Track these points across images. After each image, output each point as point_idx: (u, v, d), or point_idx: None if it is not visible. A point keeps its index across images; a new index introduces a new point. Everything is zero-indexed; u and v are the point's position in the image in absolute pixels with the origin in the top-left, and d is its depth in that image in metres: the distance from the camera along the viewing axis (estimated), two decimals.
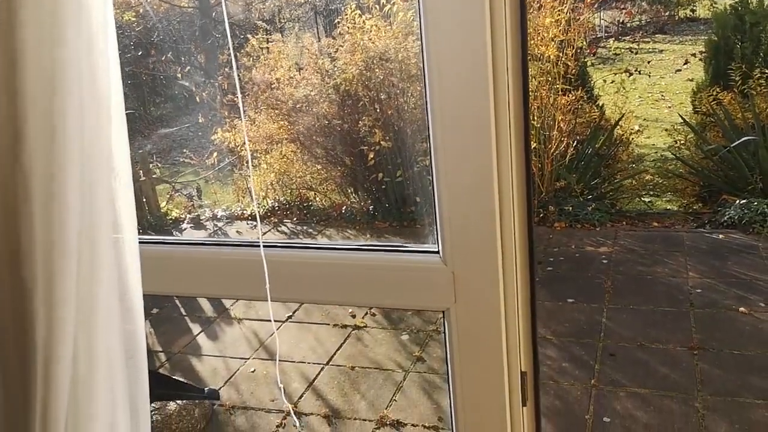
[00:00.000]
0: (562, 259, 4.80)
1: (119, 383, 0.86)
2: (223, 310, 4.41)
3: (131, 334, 0.93)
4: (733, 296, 4.04)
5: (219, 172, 6.28)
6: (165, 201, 6.14)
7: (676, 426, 2.98)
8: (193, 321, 4.30)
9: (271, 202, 6.08)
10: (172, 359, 3.88)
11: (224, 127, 5.78)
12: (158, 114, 7.15)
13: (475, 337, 1.17)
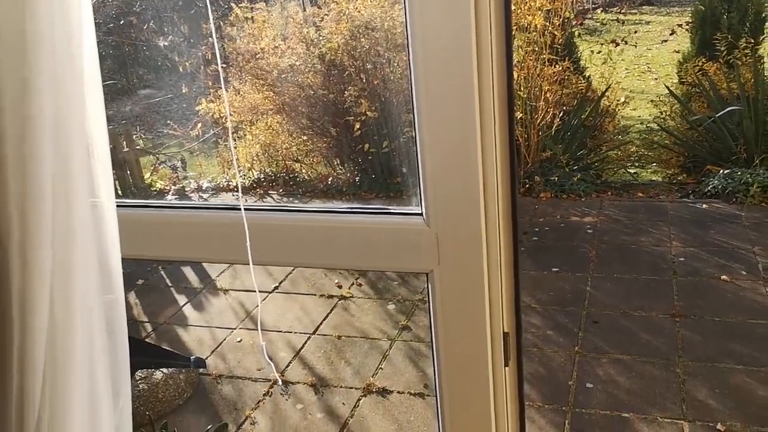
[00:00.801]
0: (548, 229, 4.83)
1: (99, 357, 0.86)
2: (209, 281, 4.41)
3: (111, 303, 0.92)
4: (716, 265, 4.09)
5: (204, 143, 6.23)
6: (149, 173, 6.10)
7: (658, 391, 3.03)
8: (179, 292, 4.30)
9: (256, 174, 6.05)
10: (158, 329, 3.88)
11: (208, 97, 5.72)
12: (141, 85, 7.06)
13: (458, 298, 1.18)
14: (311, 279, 4.32)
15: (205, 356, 3.53)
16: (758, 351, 3.24)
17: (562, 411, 2.96)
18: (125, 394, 0.91)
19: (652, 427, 2.82)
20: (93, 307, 0.85)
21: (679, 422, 2.83)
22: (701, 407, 2.90)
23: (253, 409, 3.14)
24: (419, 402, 3.11)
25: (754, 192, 4.86)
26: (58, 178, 0.81)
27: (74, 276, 0.82)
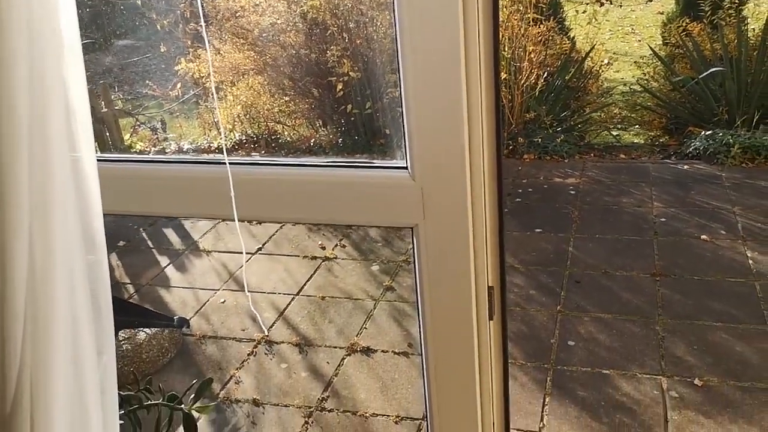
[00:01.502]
0: (531, 190, 4.84)
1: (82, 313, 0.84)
2: (191, 242, 4.39)
3: (95, 264, 0.90)
4: (696, 225, 4.13)
5: (184, 104, 6.14)
6: (129, 134, 6.01)
7: (637, 348, 3.08)
8: (161, 253, 4.28)
9: (238, 136, 5.99)
10: (141, 291, 3.87)
11: (187, 57, 5.62)
12: (118, 44, 6.92)
13: (443, 252, 1.18)
14: (295, 240, 4.31)
15: (188, 317, 3.52)
16: (736, 308, 3.29)
17: (544, 368, 3.00)
18: (109, 351, 0.91)
19: (631, 383, 2.87)
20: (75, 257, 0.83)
21: (658, 378, 2.88)
22: (679, 363, 2.95)
23: (238, 368, 3.15)
24: (403, 360, 3.13)
25: (735, 153, 4.89)
26: (36, 129, 0.79)
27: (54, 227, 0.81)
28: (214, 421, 2.84)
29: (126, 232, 4.54)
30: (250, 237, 4.38)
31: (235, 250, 4.23)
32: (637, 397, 2.78)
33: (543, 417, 2.72)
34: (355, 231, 4.41)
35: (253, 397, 2.95)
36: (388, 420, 2.77)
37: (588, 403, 2.77)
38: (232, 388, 3.02)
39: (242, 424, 2.82)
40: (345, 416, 2.81)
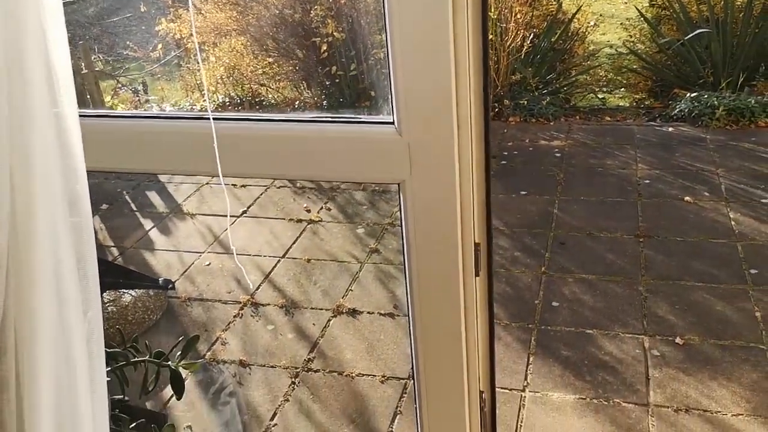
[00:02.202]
0: (516, 153, 4.83)
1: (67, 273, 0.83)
2: (175, 205, 4.35)
3: (78, 226, 0.88)
4: (680, 186, 4.15)
5: (165, 66, 6.04)
6: (110, 96, 5.92)
7: (620, 308, 3.12)
8: (145, 216, 4.24)
9: (221, 98, 5.91)
10: (125, 254, 3.85)
11: (168, 17, 5.51)
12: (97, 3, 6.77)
13: (430, 209, 1.17)
14: (280, 203, 4.29)
15: (173, 280, 3.51)
16: (717, 269, 3.33)
17: (528, 328, 3.03)
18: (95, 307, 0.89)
19: (614, 342, 2.90)
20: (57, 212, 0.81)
21: (640, 337, 2.92)
22: (661, 323, 3.00)
23: (224, 330, 3.15)
24: (389, 322, 3.15)
25: (720, 115, 4.90)
26: (15, 83, 0.77)
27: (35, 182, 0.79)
28: (201, 381, 2.85)
29: (109, 194, 4.49)
30: (234, 200, 4.35)
31: (219, 213, 4.21)
32: (620, 356, 2.82)
33: (527, 376, 2.75)
34: (340, 194, 4.40)
35: (240, 358, 2.96)
36: (374, 380, 2.79)
37: (571, 362, 2.81)
38: (219, 349, 3.03)
39: (229, 383, 2.84)
40: (331, 376, 2.83)
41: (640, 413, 2.52)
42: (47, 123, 0.81)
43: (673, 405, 2.54)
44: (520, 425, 2.51)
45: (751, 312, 3.01)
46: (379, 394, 2.72)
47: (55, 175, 0.82)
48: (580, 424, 2.49)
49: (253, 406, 2.70)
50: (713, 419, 2.47)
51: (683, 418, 2.48)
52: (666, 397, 2.59)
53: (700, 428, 2.43)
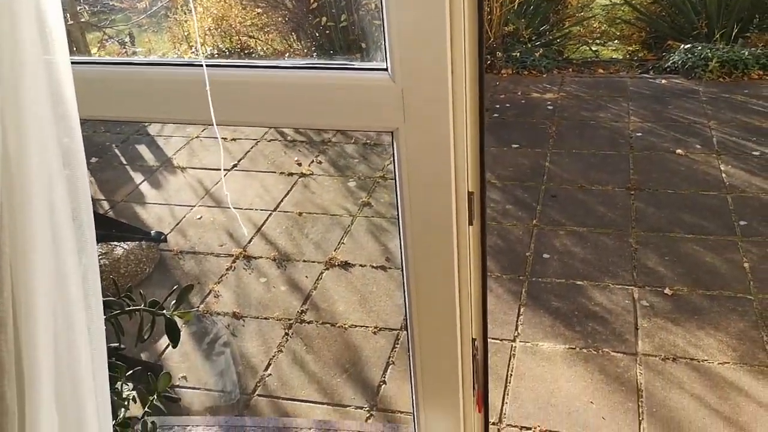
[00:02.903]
0: (508, 105, 4.80)
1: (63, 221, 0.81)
2: (165, 159, 4.32)
3: (72, 173, 0.87)
4: (672, 139, 4.15)
5: (152, 17, 5.92)
6: (96, 49, 5.81)
7: (610, 260, 3.14)
8: (135, 170, 4.21)
9: (209, 50, 5.82)
10: (116, 207, 3.83)
11: None
12: None
13: (423, 157, 1.16)
14: (270, 157, 4.27)
15: (165, 233, 3.51)
16: (707, 221, 3.35)
17: (519, 280, 3.06)
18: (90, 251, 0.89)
19: (603, 293, 2.94)
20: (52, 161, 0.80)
21: (630, 288, 2.95)
22: (651, 274, 3.03)
23: (217, 282, 3.16)
24: (381, 274, 3.17)
25: (713, 67, 4.87)
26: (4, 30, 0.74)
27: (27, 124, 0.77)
28: (195, 333, 2.87)
29: (98, 148, 4.45)
30: (225, 153, 4.33)
31: (210, 167, 4.19)
32: (609, 306, 2.86)
33: (518, 327, 2.79)
34: (331, 147, 4.37)
35: (233, 310, 2.97)
36: (367, 331, 2.82)
37: (561, 313, 2.84)
38: (212, 301, 3.04)
39: (222, 335, 2.86)
40: (324, 328, 2.85)
41: (628, 362, 2.56)
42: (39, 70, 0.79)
43: (661, 354, 2.59)
44: (510, 374, 2.55)
45: (739, 263, 3.05)
46: (371, 344, 2.75)
47: (47, 121, 0.80)
48: (570, 373, 2.54)
49: (247, 357, 2.73)
50: (700, 367, 2.52)
51: (671, 366, 2.53)
52: (654, 346, 2.63)
53: (687, 376, 2.48)
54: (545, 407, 2.40)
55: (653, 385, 2.45)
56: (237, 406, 2.53)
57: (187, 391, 2.58)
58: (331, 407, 2.48)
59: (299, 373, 2.63)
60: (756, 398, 2.37)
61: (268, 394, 2.55)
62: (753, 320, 2.71)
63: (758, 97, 4.61)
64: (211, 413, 2.50)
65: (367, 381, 2.58)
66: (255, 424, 2.38)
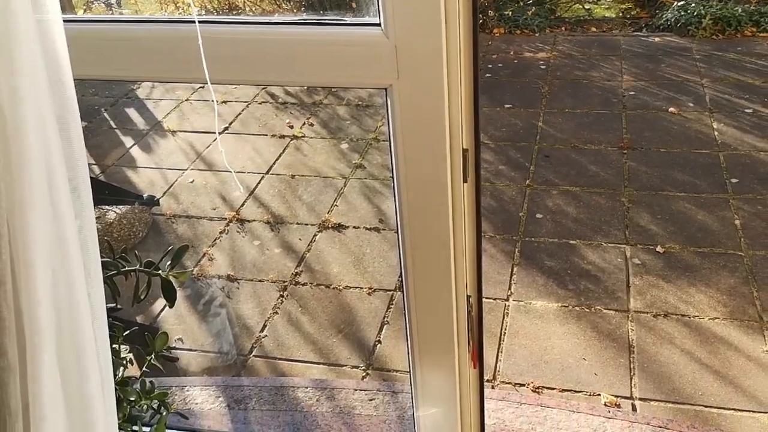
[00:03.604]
0: (501, 65, 4.77)
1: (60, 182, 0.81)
2: (155, 122, 4.28)
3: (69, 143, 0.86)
4: (664, 97, 4.14)
5: None
6: (82, 10, 5.71)
7: (603, 219, 3.16)
8: (125, 134, 4.18)
9: (196, 11, 5.72)
10: (107, 172, 3.80)
11: None
12: None
13: (417, 114, 1.16)
14: (262, 119, 4.24)
15: (157, 197, 3.49)
16: (699, 179, 3.37)
17: (513, 240, 3.07)
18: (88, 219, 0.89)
19: (596, 252, 2.96)
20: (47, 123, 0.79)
21: (622, 246, 2.97)
22: (643, 232, 3.05)
23: (210, 246, 3.17)
24: (375, 236, 3.18)
25: (706, 24, 4.84)
26: None
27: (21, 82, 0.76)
28: (190, 296, 2.88)
29: (87, 112, 4.41)
30: (216, 116, 4.29)
31: (201, 130, 4.15)
32: (602, 265, 2.88)
33: (511, 286, 2.81)
34: (322, 109, 4.34)
35: (228, 273, 2.98)
36: (362, 292, 2.84)
37: (554, 272, 2.86)
38: (206, 264, 3.05)
39: (217, 297, 2.87)
40: (319, 289, 2.87)
41: (620, 319, 2.59)
42: (30, 29, 0.78)
43: (653, 311, 2.62)
44: (504, 333, 2.57)
45: (731, 220, 3.07)
46: (366, 305, 2.77)
47: (42, 81, 0.79)
48: (562, 331, 2.57)
49: (243, 318, 2.74)
50: (690, 323, 2.55)
51: (662, 322, 2.56)
52: (646, 303, 2.66)
53: (677, 332, 2.51)
54: (538, 364, 2.43)
55: (644, 341, 2.49)
56: (234, 367, 2.55)
57: (184, 353, 2.60)
58: (327, 367, 2.51)
59: (295, 334, 2.65)
60: (745, 352, 2.41)
61: (265, 355, 2.58)
62: (743, 276, 2.74)
63: (751, 55, 4.59)
64: (208, 374, 2.52)
65: (363, 341, 2.61)
66: (252, 384, 2.41)
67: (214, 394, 2.39)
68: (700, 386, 2.29)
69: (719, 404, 2.23)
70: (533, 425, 2.14)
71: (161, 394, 1.28)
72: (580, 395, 2.30)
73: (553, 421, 2.15)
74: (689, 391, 2.28)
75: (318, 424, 2.22)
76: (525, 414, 2.19)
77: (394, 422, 2.21)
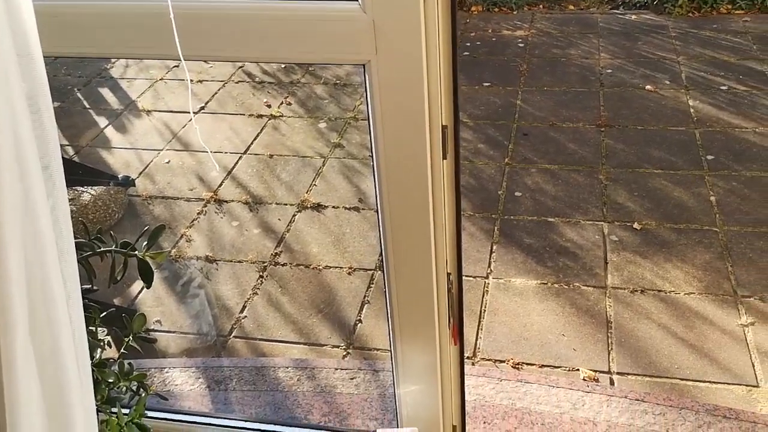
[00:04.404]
0: (479, 43, 4.75)
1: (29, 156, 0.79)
2: (129, 102, 4.22)
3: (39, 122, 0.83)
4: (641, 75, 4.16)
5: None
6: None
7: (581, 196, 3.18)
8: (99, 114, 4.11)
9: None
10: (81, 152, 3.75)
11: None
12: None
13: (396, 90, 1.15)
14: (239, 98, 4.19)
15: (133, 177, 3.45)
16: (675, 156, 3.39)
17: (492, 218, 3.08)
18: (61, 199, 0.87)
19: (574, 229, 2.98)
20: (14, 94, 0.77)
21: (600, 224, 2.99)
22: (620, 209, 3.07)
23: (188, 227, 3.14)
24: (354, 215, 3.17)
25: (683, 2, 4.85)
26: None
27: None
28: (168, 278, 2.86)
29: (59, 92, 4.33)
30: (192, 96, 4.23)
31: (176, 109, 4.10)
32: (580, 242, 2.90)
33: (490, 263, 2.82)
34: (300, 88, 4.30)
35: (206, 254, 2.96)
36: (342, 272, 2.83)
37: (533, 249, 2.88)
38: (184, 245, 3.02)
39: (196, 279, 2.85)
40: (299, 269, 2.86)
41: (598, 295, 2.62)
42: None
43: (630, 287, 2.65)
44: (483, 310, 2.59)
45: (706, 196, 3.10)
46: (346, 285, 2.77)
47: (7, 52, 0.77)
48: (542, 308, 2.59)
49: (222, 299, 2.73)
50: (667, 298, 2.58)
51: (639, 298, 2.59)
52: (623, 279, 2.68)
53: (654, 307, 2.54)
54: (518, 341, 2.45)
55: (622, 316, 2.52)
56: (213, 348, 2.54)
57: (163, 335, 2.59)
58: (307, 347, 2.51)
59: (275, 315, 2.65)
60: (720, 326, 2.45)
61: (245, 335, 2.57)
62: (718, 252, 2.78)
63: (726, 32, 4.62)
64: (187, 356, 2.51)
65: (343, 320, 2.61)
66: (232, 364, 2.41)
67: (194, 375, 2.38)
68: (676, 360, 2.33)
69: (695, 377, 2.26)
70: (513, 401, 2.16)
71: (140, 376, 1.26)
72: (559, 370, 2.33)
73: (533, 396, 2.17)
74: (666, 364, 2.32)
75: (299, 404, 2.23)
76: (505, 390, 2.21)
77: (375, 400, 2.22)
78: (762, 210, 3.00)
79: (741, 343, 2.37)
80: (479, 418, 2.09)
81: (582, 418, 2.09)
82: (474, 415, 2.10)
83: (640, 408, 2.12)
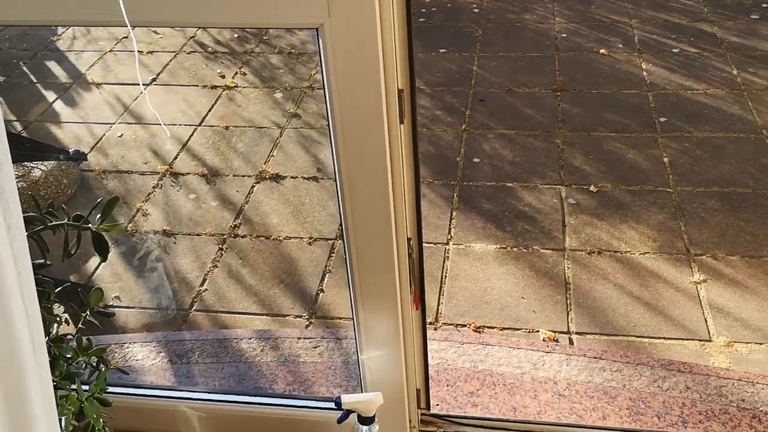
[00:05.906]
0: (434, 9, 4.72)
1: None
2: (78, 75, 4.10)
3: None
4: (595, 39, 4.19)
5: None
6: None
7: (539, 161, 3.21)
8: (47, 88, 3.98)
9: None
10: (29, 128, 3.63)
11: None
12: None
13: (351, 54, 1.13)
14: (191, 69, 4.10)
15: (84, 152, 3.36)
16: (629, 119, 3.44)
17: (451, 185, 3.09)
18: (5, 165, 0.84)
19: (532, 193, 3.01)
20: None
21: (557, 187, 3.03)
22: (577, 173, 3.11)
23: (144, 201, 3.08)
24: (313, 185, 3.15)
25: None
26: None
27: None
28: (125, 252, 2.81)
29: (4, 65, 4.18)
30: (142, 68, 4.13)
31: (127, 82, 4.00)
32: (538, 206, 2.94)
33: (450, 230, 2.84)
34: (254, 58, 4.23)
35: (164, 227, 2.92)
36: (302, 242, 2.82)
37: (492, 215, 2.91)
38: (140, 220, 2.97)
39: (153, 252, 2.81)
40: (259, 241, 2.84)
41: (556, 258, 2.66)
42: None
43: (587, 248, 2.69)
44: (444, 276, 2.61)
45: (659, 158, 3.16)
46: (307, 255, 2.76)
47: None
48: (502, 272, 2.62)
49: (182, 273, 2.70)
50: (623, 259, 2.64)
51: (596, 259, 2.64)
52: (580, 241, 2.73)
53: (611, 268, 2.60)
54: (479, 305, 2.48)
55: (580, 278, 2.57)
56: (174, 322, 2.52)
57: (122, 311, 2.55)
58: (270, 318, 2.50)
59: (236, 287, 2.63)
60: (674, 284, 2.51)
61: (206, 308, 2.55)
62: (672, 212, 2.84)
63: None
64: (148, 331, 2.48)
65: (305, 290, 2.61)
66: (194, 337, 2.39)
67: (156, 349, 2.36)
68: (632, 318, 2.39)
69: (650, 334, 2.33)
70: (475, 363, 2.19)
71: (99, 350, 1.25)
72: (520, 332, 2.37)
73: (495, 358, 2.21)
74: (622, 323, 2.38)
75: (263, 374, 2.23)
76: (467, 353, 2.24)
77: (339, 367, 2.23)
78: (713, 170, 3.07)
79: (694, 300, 2.44)
80: (442, 381, 2.12)
81: (542, 377, 2.13)
82: (437, 379, 2.13)
83: (598, 365, 2.17)
